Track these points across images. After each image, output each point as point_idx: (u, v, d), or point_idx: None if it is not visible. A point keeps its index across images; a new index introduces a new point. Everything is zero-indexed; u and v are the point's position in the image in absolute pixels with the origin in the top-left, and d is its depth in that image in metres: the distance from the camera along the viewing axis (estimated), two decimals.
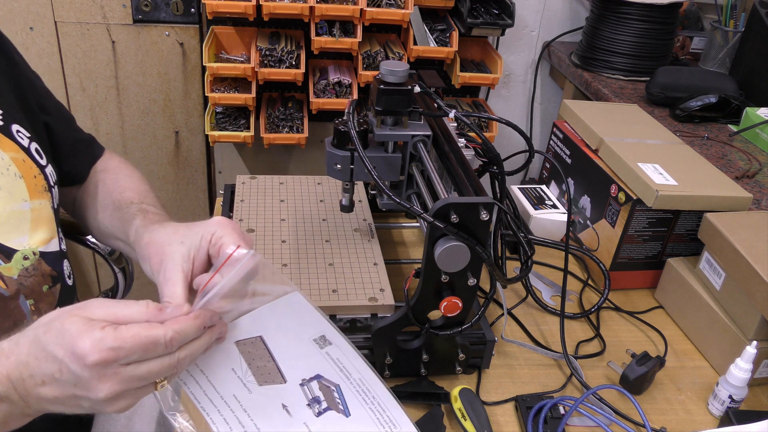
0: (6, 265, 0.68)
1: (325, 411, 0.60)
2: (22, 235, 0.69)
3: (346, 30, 1.52)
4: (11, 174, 0.69)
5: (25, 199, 0.70)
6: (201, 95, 1.78)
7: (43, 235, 0.72)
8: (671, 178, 0.97)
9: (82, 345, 0.49)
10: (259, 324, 0.60)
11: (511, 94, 2.04)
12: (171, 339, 0.52)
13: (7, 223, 0.68)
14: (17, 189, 0.69)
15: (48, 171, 0.74)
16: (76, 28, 1.64)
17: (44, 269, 0.72)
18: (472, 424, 0.74)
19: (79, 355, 0.49)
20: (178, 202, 1.95)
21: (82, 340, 0.49)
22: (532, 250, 0.82)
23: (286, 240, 0.94)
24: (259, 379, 0.59)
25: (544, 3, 1.90)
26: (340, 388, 0.61)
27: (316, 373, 0.61)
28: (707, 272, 0.94)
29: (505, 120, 0.83)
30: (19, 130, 0.71)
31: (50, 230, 0.73)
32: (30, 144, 0.72)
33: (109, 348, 0.49)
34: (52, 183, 0.74)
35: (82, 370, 0.50)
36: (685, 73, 1.58)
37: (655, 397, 0.85)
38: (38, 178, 0.72)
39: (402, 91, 0.80)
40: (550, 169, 1.26)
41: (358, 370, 0.61)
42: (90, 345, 0.49)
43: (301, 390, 0.60)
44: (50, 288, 0.73)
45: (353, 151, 0.81)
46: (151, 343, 0.51)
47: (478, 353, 0.84)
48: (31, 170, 0.71)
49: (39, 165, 0.72)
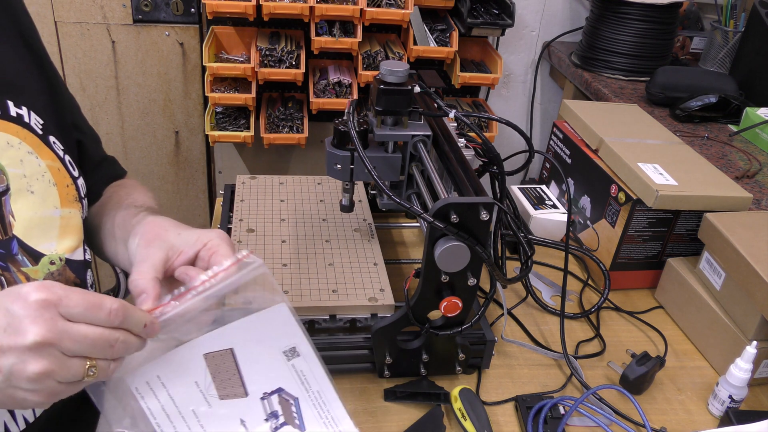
0: (33, 268, 0.69)
1: (282, 426, 0.60)
2: (50, 241, 0.71)
3: (346, 30, 1.52)
4: (46, 180, 0.71)
5: (56, 206, 0.72)
6: (201, 95, 1.78)
7: (70, 242, 0.73)
8: (671, 178, 0.97)
9: (29, 286, 0.49)
10: (232, 336, 0.60)
11: (511, 94, 2.04)
12: (116, 309, 0.51)
13: (38, 228, 0.70)
14: (50, 196, 0.71)
15: (80, 183, 0.76)
16: (76, 28, 1.64)
17: (68, 276, 0.73)
18: (472, 424, 0.74)
19: (23, 292, 0.49)
20: (178, 202, 1.95)
21: (30, 284, 0.50)
22: (532, 250, 0.82)
23: (286, 240, 0.94)
24: (221, 393, 0.60)
25: (544, 3, 1.90)
26: (298, 402, 0.61)
27: (278, 386, 0.61)
28: (707, 272, 0.94)
29: (505, 120, 0.83)
30: (55, 141, 0.74)
31: (77, 239, 0.74)
32: (65, 155, 0.75)
33: (54, 291, 0.49)
34: (82, 195, 0.76)
35: (20, 307, 0.48)
36: (685, 73, 1.59)
37: (655, 397, 0.85)
38: (70, 188, 0.74)
39: (402, 91, 0.80)
40: (550, 169, 1.26)
41: (318, 381, 0.62)
42: (36, 285, 0.49)
43: (260, 404, 0.61)
44: None
45: (353, 151, 0.81)
46: (95, 304, 0.50)
47: (478, 353, 0.84)
48: (64, 179, 0.73)
49: (72, 176, 0.75)
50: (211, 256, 0.64)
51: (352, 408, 0.79)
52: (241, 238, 0.93)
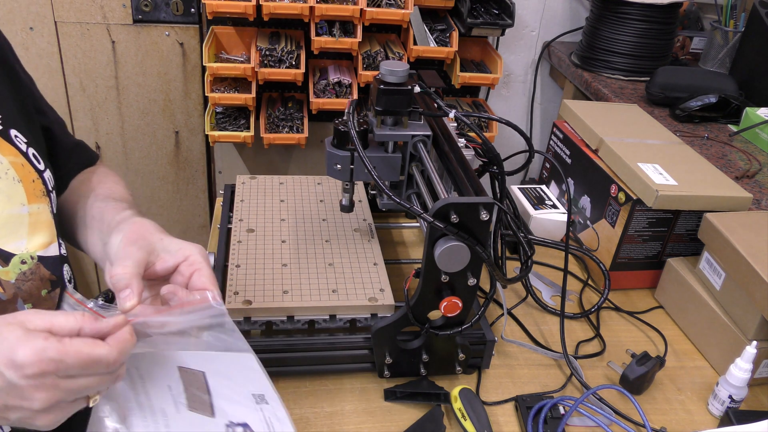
0: (3, 269, 0.67)
1: None
2: (20, 239, 0.69)
3: (346, 30, 1.52)
4: (9, 178, 0.69)
5: (23, 203, 0.70)
6: (201, 95, 1.78)
7: (42, 239, 0.72)
8: (671, 178, 0.97)
9: (22, 353, 0.49)
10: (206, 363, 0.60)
11: (511, 94, 2.04)
12: (115, 360, 0.52)
13: (5, 227, 0.68)
14: (15, 193, 0.69)
15: (46, 176, 0.74)
16: (76, 28, 1.64)
17: (43, 273, 0.72)
18: (472, 424, 0.74)
19: (19, 364, 0.49)
20: (178, 202, 1.95)
21: (23, 348, 0.49)
22: (532, 250, 0.82)
23: (286, 240, 0.94)
24: (190, 404, 0.60)
25: (544, 3, 1.90)
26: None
27: (245, 422, 0.61)
28: (707, 272, 0.94)
29: (505, 120, 0.83)
30: (17, 134, 0.71)
31: (49, 234, 0.73)
32: (28, 149, 0.72)
33: (50, 359, 0.49)
34: (50, 188, 0.74)
35: (20, 378, 0.49)
36: (685, 73, 1.58)
37: (655, 397, 0.85)
38: (36, 183, 0.72)
39: (402, 91, 0.80)
40: (550, 169, 1.26)
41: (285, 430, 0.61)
42: (31, 353, 0.49)
43: (225, 429, 0.61)
44: (49, 292, 0.73)
45: (353, 151, 0.81)
46: (93, 361, 0.51)
47: (478, 353, 0.84)
48: (29, 174, 0.71)
49: (37, 169, 0.72)
50: (193, 274, 0.63)
51: (352, 408, 0.79)
52: (241, 238, 0.93)
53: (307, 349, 0.80)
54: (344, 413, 0.78)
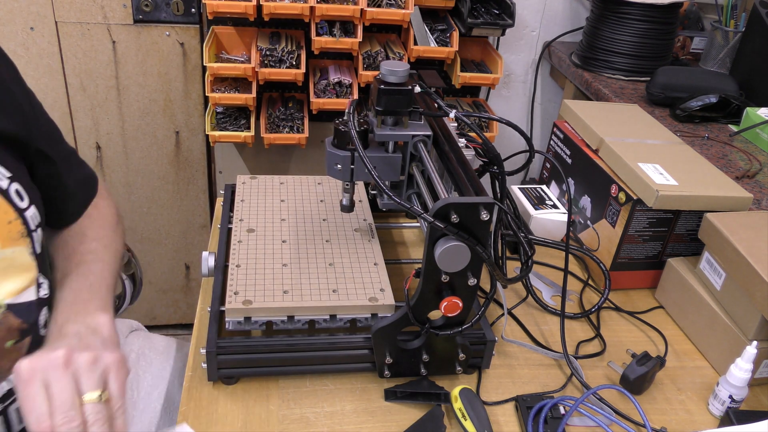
0: None
1: None
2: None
3: (347, 30, 1.52)
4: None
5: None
6: (201, 95, 1.78)
7: (14, 285, 0.66)
8: (671, 178, 0.97)
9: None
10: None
11: (512, 94, 2.04)
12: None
13: None
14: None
15: (29, 215, 0.68)
16: (76, 28, 1.64)
17: (11, 323, 0.67)
18: (472, 424, 0.74)
19: None
20: (178, 202, 1.95)
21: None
22: (532, 250, 0.82)
23: (286, 240, 0.94)
24: None
25: (545, 3, 1.90)
26: None
27: None
28: (707, 272, 0.94)
29: (505, 120, 0.83)
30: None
31: (24, 279, 0.68)
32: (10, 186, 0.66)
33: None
34: (33, 227, 0.69)
35: None
36: (686, 73, 1.58)
37: (655, 397, 0.85)
38: (14, 224, 0.66)
39: (402, 91, 0.80)
40: (550, 169, 1.26)
41: None
42: None
43: None
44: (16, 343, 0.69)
45: (353, 151, 0.81)
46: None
47: (479, 353, 0.84)
48: (5, 216, 0.65)
49: (18, 209, 0.67)
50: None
51: (352, 408, 0.79)
52: (242, 238, 0.93)
53: (308, 349, 0.80)
54: (344, 413, 0.78)
